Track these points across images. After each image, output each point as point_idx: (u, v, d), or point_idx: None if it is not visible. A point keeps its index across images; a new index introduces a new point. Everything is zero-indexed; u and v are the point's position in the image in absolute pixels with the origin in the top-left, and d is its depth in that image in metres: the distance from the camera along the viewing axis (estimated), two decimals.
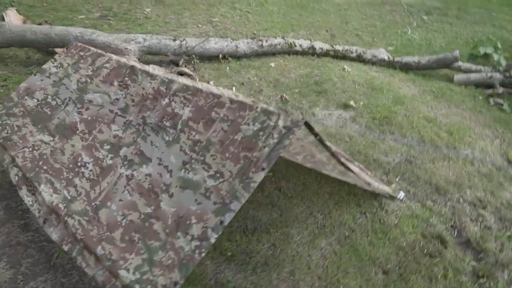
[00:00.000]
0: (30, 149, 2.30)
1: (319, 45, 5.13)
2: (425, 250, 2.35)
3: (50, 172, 2.17)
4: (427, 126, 3.72)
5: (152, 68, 4.15)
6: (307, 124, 1.75)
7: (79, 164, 2.15)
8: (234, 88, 4.00)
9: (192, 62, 4.31)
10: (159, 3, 6.65)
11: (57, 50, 4.20)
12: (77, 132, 2.28)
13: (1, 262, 2.07)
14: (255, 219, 2.45)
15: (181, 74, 4.03)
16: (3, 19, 4.88)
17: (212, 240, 1.56)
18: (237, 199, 1.61)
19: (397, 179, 2.96)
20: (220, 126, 1.86)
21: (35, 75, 2.60)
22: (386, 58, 5.07)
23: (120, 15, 5.91)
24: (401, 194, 2.77)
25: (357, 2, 8.54)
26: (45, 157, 2.24)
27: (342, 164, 2.19)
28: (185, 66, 4.30)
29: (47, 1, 6.09)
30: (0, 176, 2.59)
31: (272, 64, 4.73)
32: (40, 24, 4.76)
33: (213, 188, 1.70)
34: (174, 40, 4.35)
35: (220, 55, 4.61)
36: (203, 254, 1.54)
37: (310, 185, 2.76)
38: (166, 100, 2.10)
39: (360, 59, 5.14)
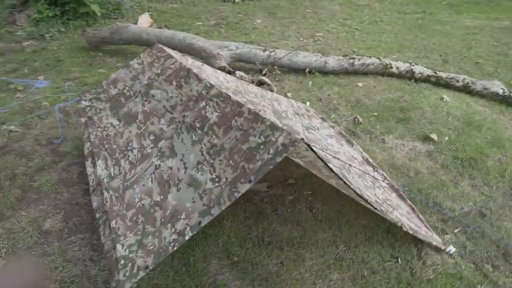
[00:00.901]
0: (102, 129, 2.75)
1: (419, 69, 4.70)
2: None
3: (108, 151, 2.56)
4: None
5: (238, 74, 4.45)
6: (309, 145, 1.70)
7: (129, 148, 2.48)
8: (308, 103, 3.99)
9: (274, 72, 4.45)
10: (271, 15, 7.01)
11: None
12: (137, 120, 2.63)
13: (59, 214, 2.53)
14: (274, 233, 2.43)
15: (261, 83, 4.21)
16: (136, 22, 5.85)
17: (187, 237, 1.65)
18: (219, 205, 1.66)
19: (455, 231, 2.56)
20: (234, 134, 1.94)
21: (122, 68, 3.09)
22: (500, 91, 4.34)
23: (232, 24, 6.44)
24: (452, 248, 2.39)
25: (494, 26, 7.46)
26: (109, 137, 2.65)
27: (361, 197, 2.02)
28: (268, 76, 4.46)
29: (176, 9, 7.03)
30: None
31: (360, 84, 4.54)
32: (160, 27, 5.55)
33: (208, 191, 1.79)
34: (264, 50, 4.55)
35: (307, 69, 4.63)
36: (175, 248, 1.65)
37: (346, 213, 2.60)
38: (203, 103, 2.27)
39: (467, 89, 4.52)
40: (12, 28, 5.57)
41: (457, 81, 4.57)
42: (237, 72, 4.36)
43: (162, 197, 1.97)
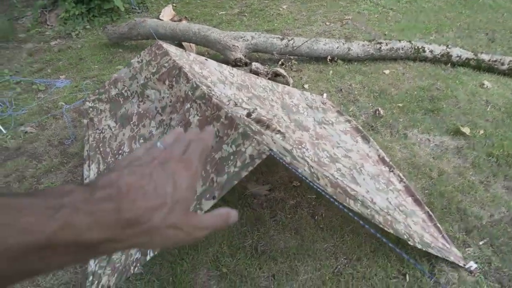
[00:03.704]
0: (99, 131, 2.72)
1: (457, 52, 4.19)
2: None
3: (102, 154, 2.52)
4: None
5: (254, 66, 4.24)
6: (277, 157, 1.50)
7: (120, 152, 2.42)
8: (325, 95, 3.71)
9: (290, 63, 4.19)
10: None
11: (184, 44, 4.75)
12: (131, 122, 2.56)
13: None
14: (270, 242, 2.26)
15: (277, 74, 3.98)
16: (158, 15, 5.81)
17: (148, 258, 1.54)
18: None
19: (480, 243, 2.23)
20: None
21: (124, 67, 3.03)
22: None
23: (256, 11, 6.19)
24: (473, 264, 2.07)
25: None
26: (105, 140, 2.61)
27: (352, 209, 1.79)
28: (285, 67, 4.22)
29: None
30: None
31: (386, 71, 4.15)
32: (180, 20, 5.46)
33: None
34: (282, 39, 4.30)
35: (329, 57, 4.31)
36: (136, 269, 1.54)
37: (351, 221, 2.36)
38: (188, 105, 2.13)
39: None
40: (42, 28, 5.78)
41: (502, 63, 4.01)
42: (253, 64, 4.16)
43: None
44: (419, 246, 1.96)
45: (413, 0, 6.47)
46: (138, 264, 1.55)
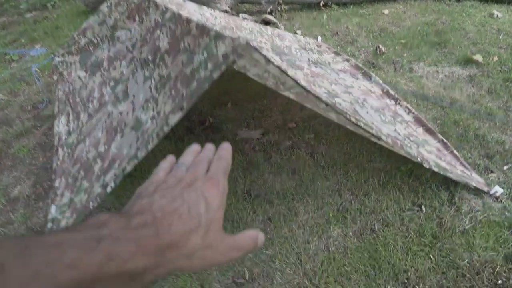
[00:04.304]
0: (69, 83, 2.44)
1: None
2: (499, 282, 1.46)
3: (72, 105, 2.25)
4: None
5: (242, 18, 3.92)
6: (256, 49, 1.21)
7: (90, 99, 2.15)
8: (319, 38, 3.39)
9: (279, 9, 3.85)
10: None
11: None
12: (101, 68, 2.28)
13: (30, 180, 2.29)
14: (264, 185, 2.00)
15: (267, 22, 3.66)
16: None
17: (108, 189, 1.28)
18: (146, 146, 1.26)
19: (504, 168, 1.95)
20: (181, 58, 1.50)
21: (93, 15, 2.72)
22: None
23: None
24: (498, 189, 1.80)
25: None
26: (75, 91, 2.34)
27: (357, 125, 1.51)
28: (275, 14, 3.89)
29: None
30: None
31: (386, 11, 3.81)
32: None
33: (144, 130, 1.39)
34: None
35: (322, 2, 3.97)
36: (95, 205, 1.29)
37: (355, 156, 2.09)
38: (158, 31, 1.84)
39: None
40: (16, 2, 5.44)
41: None
42: (241, 15, 3.85)
43: (106, 147, 1.62)
44: (436, 169, 1.69)
45: None
46: (98, 198, 1.29)
